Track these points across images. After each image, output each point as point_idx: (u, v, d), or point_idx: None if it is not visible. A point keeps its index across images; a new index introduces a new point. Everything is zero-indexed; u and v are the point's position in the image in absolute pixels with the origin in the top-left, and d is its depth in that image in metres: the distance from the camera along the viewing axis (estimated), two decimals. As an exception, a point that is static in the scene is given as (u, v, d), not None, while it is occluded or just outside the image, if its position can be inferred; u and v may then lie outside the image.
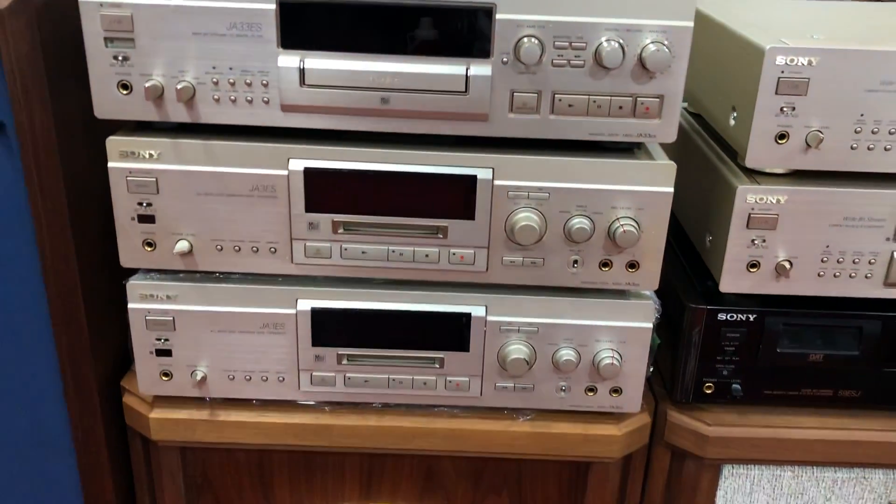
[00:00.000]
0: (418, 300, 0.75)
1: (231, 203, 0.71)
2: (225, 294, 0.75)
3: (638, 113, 0.67)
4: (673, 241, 0.89)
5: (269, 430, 0.80)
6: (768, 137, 0.70)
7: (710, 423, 0.81)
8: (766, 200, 0.72)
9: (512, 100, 0.67)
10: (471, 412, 0.80)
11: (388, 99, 0.67)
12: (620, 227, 0.70)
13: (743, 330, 0.77)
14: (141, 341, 0.76)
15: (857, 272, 0.75)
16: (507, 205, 0.71)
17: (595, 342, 0.76)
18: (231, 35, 0.65)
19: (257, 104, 0.67)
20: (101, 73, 0.67)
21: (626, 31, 0.64)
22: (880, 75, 0.68)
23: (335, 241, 0.72)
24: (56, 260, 0.75)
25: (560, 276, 0.73)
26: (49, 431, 0.82)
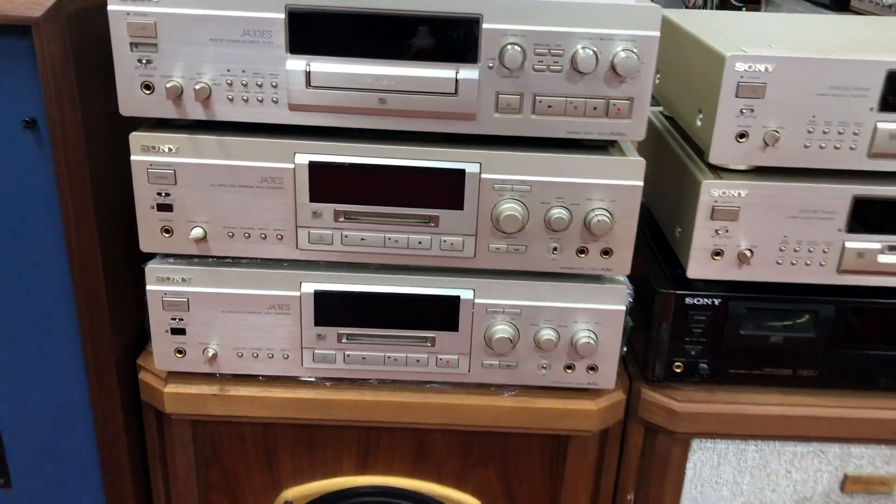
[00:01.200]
0: (412, 284, 0.82)
1: (242, 193, 0.78)
2: (235, 277, 0.82)
3: (610, 113, 0.74)
4: (648, 234, 0.96)
5: (274, 405, 0.87)
6: (730, 136, 0.77)
7: (679, 400, 0.88)
8: (728, 194, 0.80)
9: (497, 101, 0.74)
10: (460, 388, 0.87)
11: (385, 99, 0.74)
12: (595, 217, 0.77)
13: (709, 313, 0.85)
14: (157, 320, 0.83)
15: (813, 260, 0.82)
16: (493, 196, 0.78)
17: (573, 323, 0.83)
18: (244, 41, 0.72)
19: (267, 103, 0.75)
20: (127, 75, 0.74)
21: (599, 39, 0.72)
22: (830, 81, 0.76)
23: (336, 229, 0.79)
24: (81, 245, 0.81)
25: (541, 261, 0.80)
26: (70, 405, 0.89)
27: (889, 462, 0.90)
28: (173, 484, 0.93)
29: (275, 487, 0.94)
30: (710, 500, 0.93)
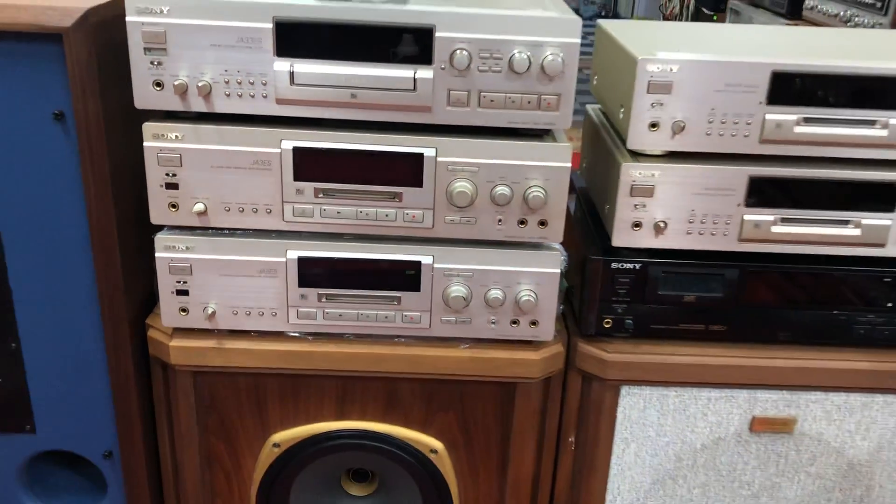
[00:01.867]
0: (380, 251, 0.97)
1: (237, 174, 0.93)
2: (231, 245, 0.97)
3: (542, 107, 0.90)
4: (587, 212, 1.12)
5: (264, 356, 1.01)
6: (644, 126, 0.93)
7: (609, 351, 1.03)
8: (644, 174, 0.95)
9: (448, 96, 0.89)
10: (422, 341, 1.02)
11: (356, 95, 0.89)
12: (532, 193, 0.92)
13: (631, 276, 1.00)
14: (165, 283, 0.98)
15: (717, 231, 0.98)
16: (447, 176, 0.93)
17: (517, 284, 0.98)
18: (239, 46, 0.88)
19: (258, 98, 0.90)
20: (141, 74, 0.89)
21: (531, 45, 0.87)
22: (725, 79, 0.91)
23: (316, 204, 0.94)
24: (100, 219, 0.96)
25: (488, 231, 0.96)
26: (88, 359, 1.04)
27: (790, 405, 1.06)
28: (176, 428, 1.08)
29: (264, 431, 1.08)
30: (638, 440, 1.08)
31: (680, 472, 1.09)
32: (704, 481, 1.10)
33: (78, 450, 1.10)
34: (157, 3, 0.86)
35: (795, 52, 0.98)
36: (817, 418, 1.06)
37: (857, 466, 1.09)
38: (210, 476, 1.11)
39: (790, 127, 0.93)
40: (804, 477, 1.10)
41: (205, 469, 1.10)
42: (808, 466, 1.09)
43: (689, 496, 1.11)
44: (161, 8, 0.86)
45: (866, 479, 1.09)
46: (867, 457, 1.08)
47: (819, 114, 0.93)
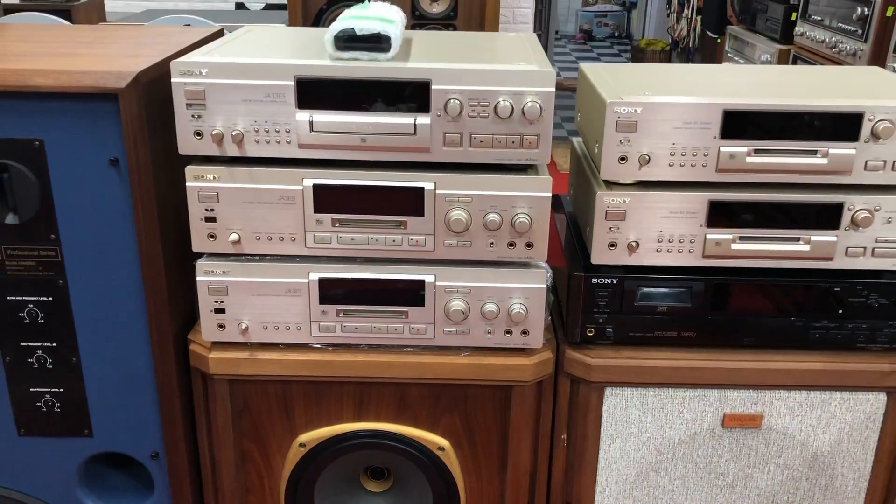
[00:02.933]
0: (389, 272, 1.12)
1: (265, 208, 1.09)
2: (261, 269, 1.12)
3: (524, 146, 1.05)
4: (573, 234, 1.26)
5: (290, 365, 1.16)
6: (614, 159, 1.08)
7: (593, 357, 1.17)
8: (616, 201, 1.09)
9: (444, 138, 1.05)
10: (427, 350, 1.17)
11: (365, 139, 1.05)
12: (518, 219, 1.07)
13: (610, 290, 1.14)
14: (204, 303, 1.14)
15: (683, 249, 1.12)
16: (445, 206, 1.08)
17: (509, 298, 1.12)
18: (266, 101, 1.04)
19: (282, 144, 1.06)
20: (183, 126, 1.05)
21: (514, 95, 1.02)
22: (683, 118, 1.06)
23: (333, 232, 1.09)
24: (148, 248, 1.12)
25: (482, 253, 1.10)
26: (137, 370, 1.19)
27: (756, 402, 1.19)
28: (214, 431, 1.23)
29: (292, 433, 1.23)
30: (623, 436, 1.21)
31: (661, 464, 1.22)
32: (683, 473, 1.23)
33: (129, 451, 1.25)
34: (197, 66, 1.03)
35: (746, 91, 1.12)
36: (782, 414, 1.19)
37: (821, 457, 1.21)
38: (244, 474, 1.26)
39: (742, 158, 1.07)
40: (773, 468, 1.22)
41: (239, 467, 1.25)
42: (777, 458, 1.22)
43: (670, 486, 1.24)
44: (201, 70, 1.03)
45: (829, 468, 1.22)
46: (829, 448, 1.20)
47: (767, 145, 1.07)
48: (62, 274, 1.14)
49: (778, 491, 1.24)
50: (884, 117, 1.05)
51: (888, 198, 1.09)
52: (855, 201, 1.09)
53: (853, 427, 1.19)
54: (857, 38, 2.25)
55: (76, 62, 1.10)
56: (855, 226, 1.10)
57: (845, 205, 1.09)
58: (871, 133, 1.06)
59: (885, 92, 1.13)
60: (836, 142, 1.07)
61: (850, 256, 1.12)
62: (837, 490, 1.23)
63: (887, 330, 1.15)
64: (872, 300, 1.14)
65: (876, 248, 1.11)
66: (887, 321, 1.15)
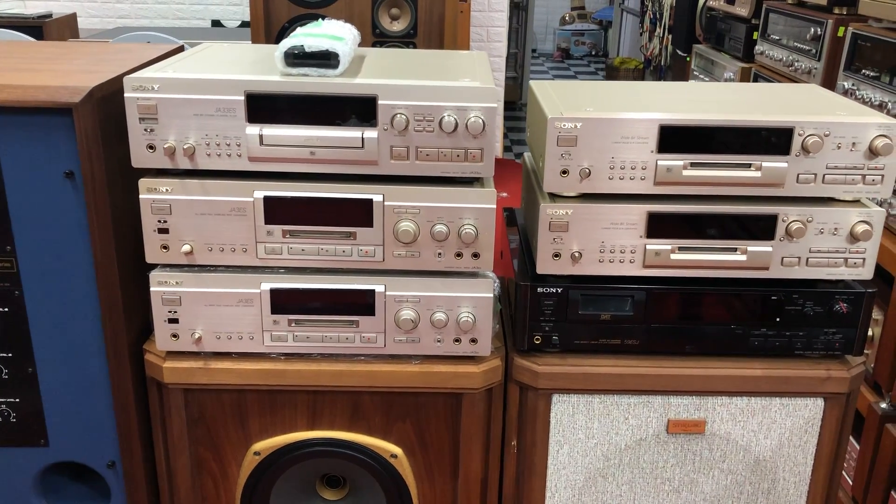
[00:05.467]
0: (340, 282, 1.15)
1: (217, 219, 1.11)
2: (213, 280, 1.14)
3: (469, 159, 1.08)
4: (522, 244, 1.30)
5: (244, 374, 1.19)
6: (556, 173, 1.11)
7: (539, 364, 1.20)
8: (559, 213, 1.13)
9: (391, 152, 1.08)
10: (379, 358, 1.19)
11: (314, 152, 1.08)
12: (465, 230, 1.10)
13: (555, 299, 1.17)
14: (158, 313, 1.16)
15: (624, 259, 1.15)
16: (393, 217, 1.11)
17: (457, 307, 1.15)
18: (217, 115, 1.07)
19: (233, 157, 1.08)
20: (137, 139, 1.08)
21: (457, 110, 1.06)
22: (621, 133, 1.10)
23: (284, 243, 1.12)
24: (103, 260, 1.14)
25: (431, 263, 1.13)
26: (93, 380, 1.21)
27: (699, 408, 1.22)
28: (170, 440, 1.24)
29: (246, 441, 1.25)
30: (571, 442, 1.24)
31: (609, 470, 1.25)
32: (631, 478, 1.26)
33: (85, 460, 1.26)
34: (149, 81, 1.05)
35: (682, 107, 1.16)
36: (724, 420, 1.22)
37: (763, 462, 1.25)
38: (200, 482, 1.27)
39: (679, 171, 1.11)
40: (718, 473, 1.26)
41: (195, 476, 1.26)
42: (721, 463, 1.25)
43: (618, 492, 1.27)
44: (153, 85, 1.05)
45: (771, 473, 1.25)
46: (770, 453, 1.24)
47: (703, 159, 1.11)
48: (18, 285, 1.15)
49: (722, 495, 1.27)
50: (813, 132, 1.09)
51: (820, 209, 1.13)
52: (789, 213, 1.13)
53: (793, 432, 1.23)
54: (811, 57, 2.31)
55: (33, 77, 1.12)
56: (789, 236, 1.14)
57: (779, 216, 1.13)
58: (801, 147, 1.10)
59: (816, 108, 1.18)
60: (769, 155, 1.11)
61: (786, 266, 1.16)
62: (780, 494, 1.26)
63: (823, 337, 1.19)
64: (808, 308, 1.18)
65: (810, 258, 1.15)
66: (823, 329, 1.19)
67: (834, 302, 1.17)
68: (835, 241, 1.14)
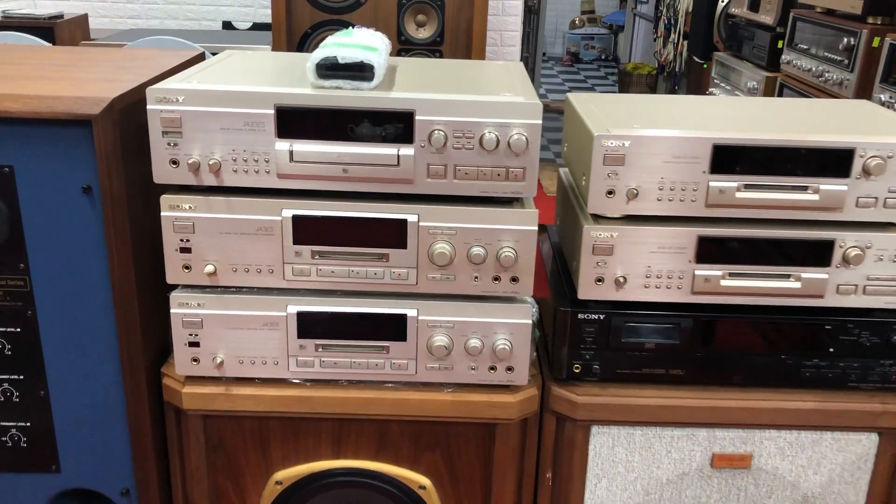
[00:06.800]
0: (370, 305, 1.09)
1: (243, 239, 1.05)
2: (237, 302, 1.08)
3: (510, 178, 1.02)
4: (559, 265, 1.23)
5: (267, 401, 1.12)
6: (601, 193, 1.05)
7: (579, 394, 1.14)
8: (604, 235, 1.07)
9: (428, 170, 1.02)
10: (409, 386, 1.13)
11: (347, 170, 1.02)
12: (503, 253, 1.04)
13: (597, 326, 1.11)
14: (178, 336, 1.10)
15: (672, 285, 1.09)
16: (429, 238, 1.05)
17: (493, 334, 1.09)
18: (245, 129, 1.01)
19: (261, 173, 1.02)
20: (159, 154, 1.02)
21: (499, 126, 1.00)
22: (672, 152, 1.03)
23: (313, 264, 1.06)
24: (121, 279, 1.08)
25: (466, 287, 1.07)
26: (109, 404, 1.15)
27: (746, 442, 1.16)
28: (187, 468, 1.18)
29: (268, 470, 1.19)
30: (609, 476, 1.18)
31: (648, 505, 1.19)
32: (671, 514, 1.20)
33: (98, 488, 1.20)
34: (173, 93, 1.00)
35: (736, 125, 1.10)
36: (772, 454, 1.16)
37: (812, 499, 1.18)
38: (218, 512, 1.21)
39: (732, 193, 1.05)
40: (763, 509, 1.19)
41: (213, 505, 1.21)
42: (767, 499, 1.19)
43: (657, 528, 1.21)
44: (177, 97, 1.00)
45: (820, 510, 1.19)
46: (820, 490, 1.18)
47: (757, 181, 1.05)
48: (31, 304, 1.09)
49: (767, 532, 1.21)
50: (875, 154, 1.03)
51: (879, 235, 1.07)
52: (846, 238, 1.07)
53: (844, 468, 1.17)
54: (843, 68, 2.25)
55: (50, 87, 1.07)
56: (846, 263, 1.08)
57: (836, 241, 1.07)
58: (862, 169, 1.04)
59: (876, 127, 1.11)
60: (828, 178, 1.05)
61: (842, 294, 1.09)
62: (828, 532, 1.20)
63: (879, 369, 1.13)
64: (864, 339, 1.11)
65: (867, 285, 1.09)
66: (878, 360, 1.12)
67: (891, 332, 1.11)
68: (894, 268, 1.08)
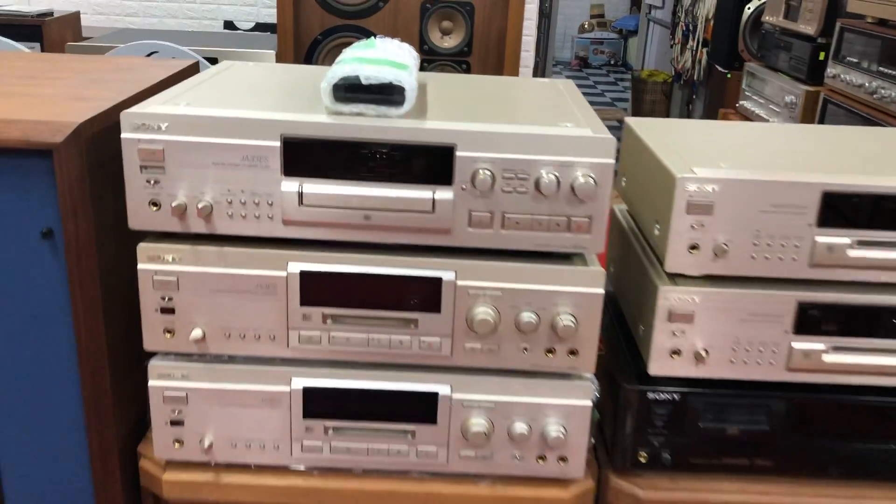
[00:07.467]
0: (393, 380, 0.89)
1: (239, 298, 0.85)
2: (231, 373, 0.88)
3: (572, 229, 0.82)
4: (616, 323, 1.03)
5: (266, 492, 0.92)
6: (683, 248, 0.85)
7: (644, 487, 0.94)
8: (683, 300, 0.87)
9: (470, 217, 0.82)
10: (439, 477, 0.93)
11: (370, 216, 0.82)
12: (561, 321, 0.84)
13: (669, 407, 0.91)
14: (158, 413, 0.90)
15: (763, 360, 0.89)
16: (468, 301, 0.85)
17: (543, 417, 0.89)
18: (243, 165, 0.81)
19: (263, 219, 0.82)
20: (136, 193, 0.82)
21: (560, 166, 0.80)
22: (771, 200, 0.84)
23: (324, 331, 0.86)
24: (89, 343, 0.88)
25: (513, 360, 0.87)
26: (74, 490, 0.95)
27: (844, 546, 0.96)
28: (169, 565, 0.98)
29: (265, 569, 0.99)
30: (676, 582, 0.98)
31: None
32: None
33: (60, 587, 1.00)
34: (154, 118, 0.80)
35: (848, 165, 0.91)
36: (874, 560, 0.96)
37: None
38: None
39: (843, 250, 0.85)
40: None
41: None
42: None
43: None
44: (159, 124, 0.80)
45: None
46: None
47: (875, 237, 0.85)
48: (-22, 371, 0.90)
49: None
50: None
51: None
52: (979, 306, 0.87)
53: (961, 578, 0.97)
54: (901, 85, 2.05)
55: (4, 106, 0.87)
56: (977, 336, 0.88)
57: (967, 311, 0.87)
58: None
59: None
60: (962, 233, 0.85)
61: (969, 372, 0.89)
62: None
63: None
64: None
65: None
66: None
67: None
68: None
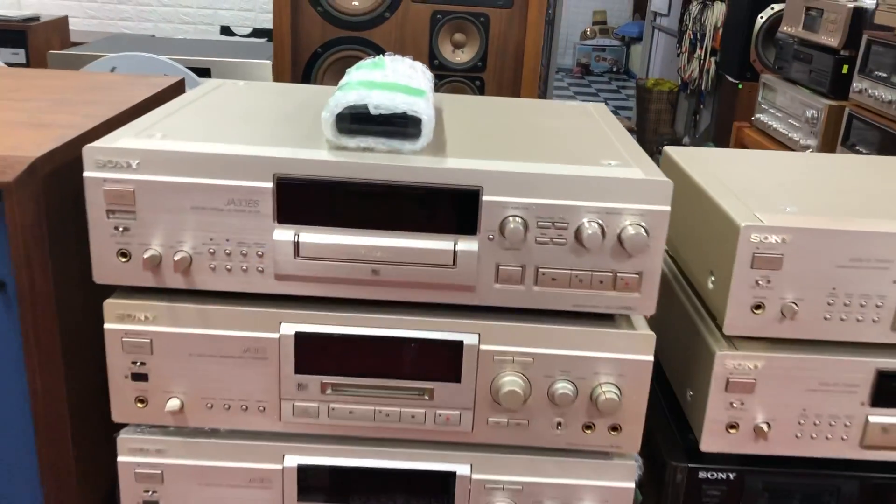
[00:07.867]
0: (404, 458, 0.76)
1: (222, 364, 0.73)
2: (213, 449, 0.76)
3: (618, 286, 0.70)
4: (657, 388, 0.91)
5: (253, 581, 0.80)
6: (745, 307, 0.73)
7: (692, 578, 0.81)
8: (743, 366, 0.74)
9: (497, 272, 0.69)
10: (455, 566, 0.80)
11: (378, 271, 0.69)
12: (602, 393, 0.72)
13: (723, 488, 0.79)
14: (129, 493, 0.77)
15: (834, 435, 0.77)
16: (493, 368, 0.72)
17: (578, 501, 0.76)
18: (229, 210, 0.68)
19: (252, 273, 0.70)
20: (102, 242, 0.69)
21: (605, 213, 0.67)
22: (849, 253, 0.71)
23: (323, 402, 0.73)
24: (48, 411, 0.76)
25: (544, 437, 0.74)
26: (32, 577, 0.82)
27: None
28: None
29: None
30: None
31: None
32: None
33: None
34: (124, 154, 0.67)
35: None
36: None
37: None
38: None
39: (933, 311, 0.72)
40: None
41: None
42: None
43: None
44: (128, 161, 0.67)
45: None
46: None
47: (970, 295, 0.72)
48: (-81, 443, 0.77)
49: None
50: None
51: None
52: None
53: None
54: (936, 101, 1.93)
55: (-50, 135, 0.74)
56: None
57: None
58: None
59: None
60: None
61: None
62: None
63: None
64: None
65: None
66: None
67: None
68: None
